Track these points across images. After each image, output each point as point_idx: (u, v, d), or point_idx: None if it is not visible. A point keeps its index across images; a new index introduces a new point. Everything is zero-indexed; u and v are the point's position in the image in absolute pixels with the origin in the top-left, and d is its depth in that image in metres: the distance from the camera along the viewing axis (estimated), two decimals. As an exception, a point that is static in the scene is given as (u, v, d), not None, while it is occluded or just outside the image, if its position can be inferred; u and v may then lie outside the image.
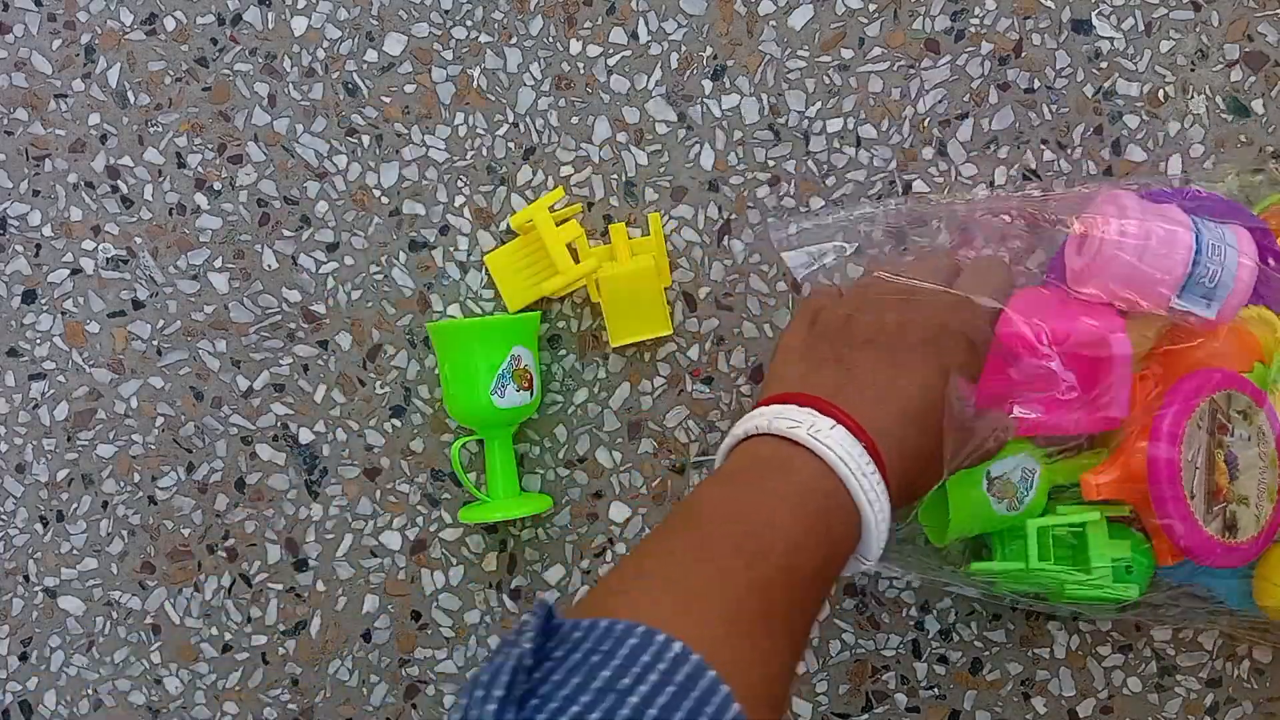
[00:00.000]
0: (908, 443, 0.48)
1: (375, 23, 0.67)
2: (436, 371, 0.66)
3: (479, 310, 0.67)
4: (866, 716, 0.66)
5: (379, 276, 0.67)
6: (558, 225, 0.63)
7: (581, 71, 0.66)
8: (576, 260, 0.64)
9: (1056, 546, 0.59)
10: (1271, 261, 0.57)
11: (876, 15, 0.65)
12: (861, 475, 0.45)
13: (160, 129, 0.68)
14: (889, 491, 0.47)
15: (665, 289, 0.65)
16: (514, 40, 0.66)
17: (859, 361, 0.50)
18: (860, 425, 0.46)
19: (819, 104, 0.66)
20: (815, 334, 0.52)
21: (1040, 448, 0.59)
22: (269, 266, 0.68)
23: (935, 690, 0.66)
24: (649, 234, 0.65)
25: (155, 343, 0.68)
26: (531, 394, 0.63)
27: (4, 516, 0.69)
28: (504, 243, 0.66)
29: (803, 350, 0.52)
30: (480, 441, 0.66)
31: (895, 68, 0.65)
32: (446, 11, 0.67)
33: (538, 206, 0.64)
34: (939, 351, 0.50)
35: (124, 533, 0.68)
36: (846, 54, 0.65)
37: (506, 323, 0.63)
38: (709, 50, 0.66)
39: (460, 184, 0.67)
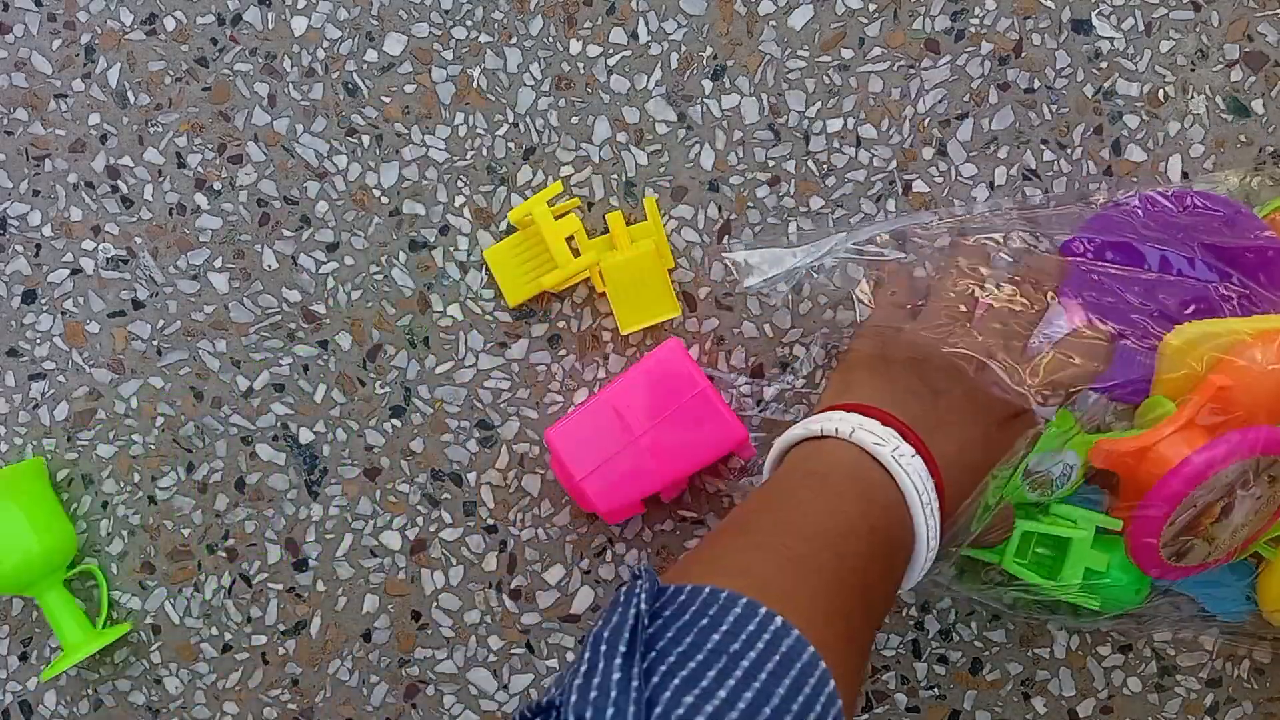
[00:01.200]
0: (961, 490, 0.49)
1: (375, 23, 0.67)
2: (434, 368, 0.66)
3: (478, 310, 0.67)
4: (866, 716, 0.66)
5: (379, 276, 0.67)
6: (556, 219, 0.63)
7: (581, 71, 0.66)
8: (576, 254, 0.64)
9: (1039, 544, 0.60)
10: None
11: (876, 15, 0.65)
12: (928, 510, 0.46)
13: (160, 129, 0.68)
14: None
15: (670, 271, 0.65)
16: (514, 40, 0.66)
17: (941, 402, 0.51)
18: (938, 464, 0.47)
19: (819, 104, 0.66)
20: (896, 359, 0.53)
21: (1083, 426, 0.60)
22: (269, 266, 0.68)
23: (935, 690, 0.66)
24: (646, 220, 0.65)
25: (155, 343, 0.68)
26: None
27: (4, 516, 0.69)
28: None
29: (883, 369, 0.53)
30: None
31: (895, 68, 0.65)
32: (446, 11, 0.67)
33: (536, 200, 0.63)
34: (989, 408, 0.51)
35: (124, 533, 0.68)
36: (846, 54, 0.65)
37: (6, 477, 0.64)
38: (709, 50, 0.66)
39: (460, 184, 0.67)
